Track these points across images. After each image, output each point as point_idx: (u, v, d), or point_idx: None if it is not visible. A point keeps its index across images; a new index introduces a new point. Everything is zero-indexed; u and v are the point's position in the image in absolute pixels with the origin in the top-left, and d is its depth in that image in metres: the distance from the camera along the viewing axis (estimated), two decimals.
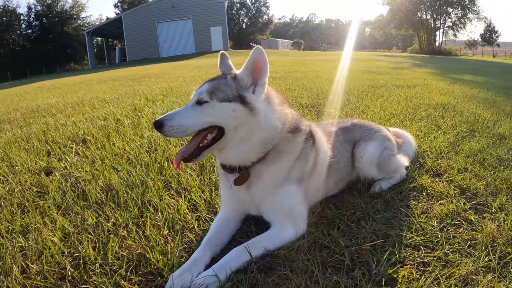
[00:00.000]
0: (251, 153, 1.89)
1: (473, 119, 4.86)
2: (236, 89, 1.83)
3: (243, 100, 1.80)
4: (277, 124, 1.90)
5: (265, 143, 1.88)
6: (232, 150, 1.87)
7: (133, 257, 1.85)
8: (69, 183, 2.87)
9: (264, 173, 1.93)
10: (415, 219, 2.15)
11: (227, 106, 1.79)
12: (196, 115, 1.79)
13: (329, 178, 2.32)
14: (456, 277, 1.64)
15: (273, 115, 1.89)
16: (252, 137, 1.85)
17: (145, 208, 2.35)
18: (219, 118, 1.80)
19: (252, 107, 1.81)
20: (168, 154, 3.40)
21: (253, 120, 1.82)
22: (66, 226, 2.18)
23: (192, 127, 1.78)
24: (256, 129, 1.83)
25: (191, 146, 1.83)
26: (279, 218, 1.96)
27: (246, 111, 1.80)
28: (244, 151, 1.88)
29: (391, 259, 1.76)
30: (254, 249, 1.78)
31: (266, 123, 1.85)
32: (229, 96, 1.80)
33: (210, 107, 1.80)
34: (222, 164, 1.97)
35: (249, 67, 1.85)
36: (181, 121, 1.77)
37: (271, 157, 1.93)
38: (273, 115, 1.89)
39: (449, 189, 2.55)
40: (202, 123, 1.79)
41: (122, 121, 5.15)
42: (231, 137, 1.84)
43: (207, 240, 1.89)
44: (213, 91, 1.82)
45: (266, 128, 1.86)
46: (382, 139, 2.70)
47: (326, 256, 1.81)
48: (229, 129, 1.82)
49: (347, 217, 2.18)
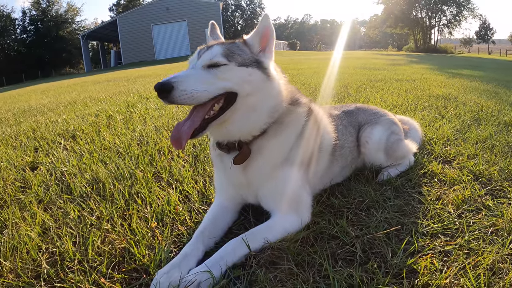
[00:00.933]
0: (256, 124, 1.69)
1: (476, 109, 4.71)
2: (250, 54, 1.70)
3: (260, 65, 1.68)
4: (284, 92, 1.77)
5: (272, 112, 1.72)
6: (237, 121, 1.66)
7: (116, 252, 1.64)
8: (53, 177, 2.67)
9: (265, 148, 1.73)
10: (429, 206, 1.95)
11: (244, 70, 1.63)
12: (210, 79, 1.56)
13: (333, 163, 2.12)
14: (483, 266, 1.44)
15: (282, 82, 1.78)
16: (262, 104, 1.69)
17: (133, 200, 2.14)
18: (236, 84, 1.60)
19: (268, 73, 1.70)
20: (160, 146, 3.20)
21: (268, 85, 1.69)
22: (46, 221, 1.97)
23: (207, 93, 1.53)
24: (268, 96, 1.70)
25: (197, 118, 1.56)
26: (280, 205, 1.73)
27: (263, 77, 1.68)
28: (250, 122, 1.68)
29: (409, 249, 1.56)
30: (253, 241, 1.56)
31: (277, 90, 1.73)
32: (246, 61, 1.65)
33: (228, 71, 1.60)
34: (219, 143, 1.75)
35: (258, 33, 1.74)
36: (195, 85, 1.51)
37: (273, 130, 1.74)
38: (282, 82, 1.79)
39: (462, 175, 2.36)
40: (218, 89, 1.56)
41: (114, 117, 4.96)
42: (240, 106, 1.63)
43: (199, 232, 1.67)
44: (229, 54, 1.63)
45: (276, 95, 1.73)
46: (389, 123, 2.52)
47: (335, 248, 1.60)
48: (242, 95, 1.62)
49: (355, 205, 1.98)
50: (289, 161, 1.76)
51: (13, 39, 53.00)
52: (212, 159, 1.94)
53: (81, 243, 1.74)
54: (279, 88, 1.75)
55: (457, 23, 53.79)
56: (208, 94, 1.54)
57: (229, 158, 1.74)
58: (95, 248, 1.68)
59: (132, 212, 1.99)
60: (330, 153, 2.06)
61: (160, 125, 4.11)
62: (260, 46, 1.75)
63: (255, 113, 1.68)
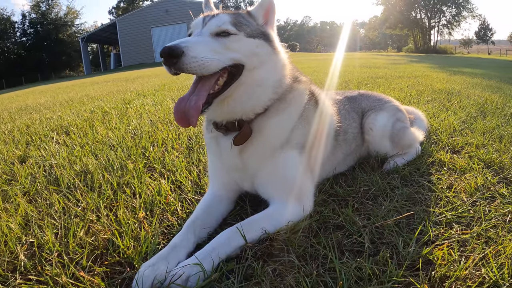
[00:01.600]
0: (261, 100, 1.56)
1: (481, 102, 4.59)
2: (257, 26, 1.60)
3: (266, 38, 1.58)
4: (288, 66, 1.67)
5: (277, 87, 1.60)
6: (241, 97, 1.51)
7: (99, 244, 1.49)
8: (41, 169, 2.53)
9: (266, 128, 1.58)
10: (441, 194, 1.81)
11: (252, 42, 1.52)
12: (218, 48, 1.41)
13: (336, 148, 1.97)
14: (505, 255, 1.29)
15: (286, 56, 1.69)
16: (268, 79, 1.56)
17: (122, 191, 2.00)
18: (244, 55, 1.47)
19: (274, 46, 1.61)
20: (153, 138, 3.06)
21: (274, 59, 1.60)
22: (30, 212, 1.82)
23: (217, 62, 1.37)
24: (274, 70, 1.59)
25: (203, 92, 1.40)
26: (279, 192, 1.58)
27: (270, 49, 1.58)
28: (255, 97, 1.54)
29: (422, 239, 1.41)
30: (249, 231, 1.41)
31: (283, 64, 1.64)
32: (253, 32, 1.54)
33: (237, 41, 1.47)
34: (216, 123, 1.59)
35: (262, 6, 1.66)
36: (205, 52, 1.35)
37: (274, 108, 1.59)
38: (286, 56, 1.69)
39: (472, 163, 2.22)
40: (227, 59, 1.42)
41: (109, 113, 4.83)
42: (246, 80, 1.49)
43: (191, 222, 1.51)
44: (237, 23, 1.50)
45: (281, 69, 1.63)
46: (394, 109, 2.37)
47: (341, 238, 1.45)
48: (249, 69, 1.49)
49: (361, 194, 1.83)
50: (290, 143, 1.61)
51: (12, 42, 52.76)
52: (206, 143, 1.78)
53: (63, 235, 1.59)
54: (284, 62, 1.65)
55: (456, 23, 53.66)
56: (218, 63, 1.38)
57: (226, 140, 1.59)
58: (77, 240, 1.53)
59: (119, 203, 1.84)
60: (333, 137, 1.91)
61: (156, 119, 3.97)
62: (264, 19, 1.66)
63: (260, 88, 1.54)
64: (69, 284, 1.27)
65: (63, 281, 1.27)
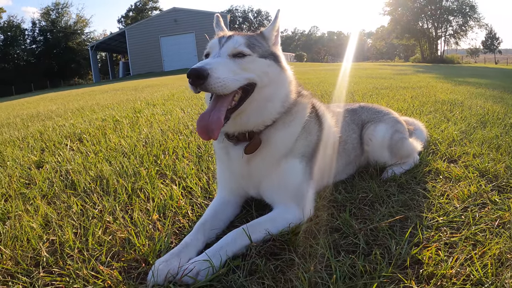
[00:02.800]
0: (271, 114, 1.71)
1: (482, 112, 4.68)
2: (267, 46, 1.76)
3: (275, 58, 1.74)
4: (293, 82, 1.83)
5: (284, 102, 1.75)
6: (253, 111, 1.66)
7: (116, 242, 1.64)
8: (58, 174, 2.69)
9: (273, 138, 1.73)
10: (434, 201, 1.93)
11: (264, 62, 1.67)
12: (237, 69, 1.56)
13: (336, 158, 2.11)
14: (490, 256, 1.41)
15: (291, 73, 1.85)
16: (277, 95, 1.72)
17: (136, 195, 2.15)
18: (257, 75, 1.62)
19: (281, 65, 1.76)
20: (164, 147, 3.21)
21: (283, 77, 1.76)
22: (49, 213, 1.98)
23: (236, 83, 1.52)
24: (282, 87, 1.75)
25: (223, 108, 1.52)
26: (282, 197, 1.72)
27: (279, 69, 1.74)
28: (266, 111, 1.69)
29: (413, 241, 1.53)
30: (254, 232, 1.55)
31: (289, 81, 1.80)
32: (264, 53, 1.70)
33: (251, 62, 1.62)
34: (227, 134, 1.74)
35: (275, 28, 1.83)
36: (226, 73, 1.49)
37: (281, 120, 1.75)
38: (292, 73, 1.85)
39: (467, 172, 2.33)
40: (243, 79, 1.57)
41: (120, 121, 5.01)
42: (257, 96, 1.64)
43: (201, 223, 1.66)
44: (251, 45, 1.66)
45: (288, 85, 1.78)
46: (393, 121, 2.50)
47: (338, 239, 1.58)
48: (260, 86, 1.64)
49: (359, 200, 1.96)
50: (293, 152, 1.76)
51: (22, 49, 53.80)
52: (216, 152, 1.93)
53: (82, 234, 1.74)
54: (290, 78, 1.81)
55: (463, 33, 53.66)
56: (237, 84, 1.53)
57: (236, 150, 1.74)
58: (96, 238, 1.68)
59: (134, 206, 1.99)
60: (333, 147, 2.05)
61: (166, 128, 4.14)
62: (275, 40, 1.83)
63: (270, 103, 1.70)
64: (90, 276, 1.41)
65: (84, 274, 1.42)
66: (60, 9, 56.98)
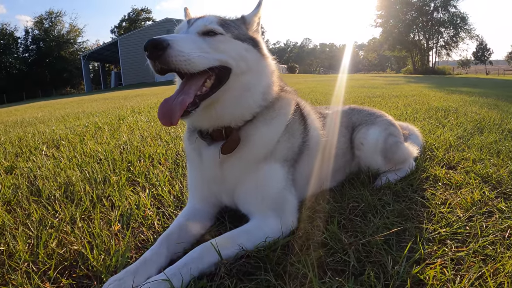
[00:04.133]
0: (250, 106, 1.49)
1: (478, 118, 4.53)
2: (246, 30, 1.58)
3: (255, 43, 1.55)
4: (275, 73, 1.63)
5: (266, 94, 1.54)
6: (229, 102, 1.44)
7: (69, 255, 1.40)
8: (25, 180, 2.45)
9: (253, 136, 1.50)
10: (435, 210, 1.71)
11: (240, 45, 1.47)
12: (206, 47, 1.35)
13: (322, 164, 1.87)
14: (504, 274, 1.19)
15: (273, 62, 1.65)
16: (256, 84, 1.51)
17: (101, 204, 1.90)
18: (231, 57, 1.41)
19: (262, 52, 1.57)
20: (142, 152, 2.97)
21: (263, 64, 1.56)
22: (6, 221, 1.74)
23: (205, 59, 1.32)
24: (262, 76, 1.54)
25: (190, 91, 1.32)
26: (260, 207, 1.48)
27: (258, 55, 1.54)
28: (244, 103, 1.47)
29: (413, 257, 1.30)
30: (225, 247, 1.30)
31: (271, 70, 1.60)
32: (241, 35, 1.50)
33: (224, 42, 1.41)
34: (201, 131, 1.51)
35: (257, 14, 1.66)
36: (192, 49, 1.29)
37: (262, 116, 1.53)
38: (274, 62, 1.65)
39: (468, 178, 2.13)
40: (213, 60, 1.35)
41: (102, 128, 4.77)
42: (233, 84, 1.43)
43: (165, 236, 1.41)
44: (224, 24, 1.46)
45: (270, 75, 1.58)
46: (386, 123, 2.29)
47: (324, 256, 1.34)
48: (236, 73, 1.43)
49: (349, 210, 1.73)
50: (274, 155, 1.53)
51: (15, 58, 53.16)
52: (187, 154, 1.68)
53: (35, 245, 1.50)
54: (272, 68, 1.61)
55: (454, 44, 54.25)
56: (206, 62, 1.32)
57: (209, 150, 1.51)
58: (49, 250, 1.44)
59: (96, 215, 1.74)
60: (319, 151, 1.82)
61: (147, 135, 3.91)
62: (256, 26, 1.65)
63: (249, 93, 1.48)
64: None
65: None
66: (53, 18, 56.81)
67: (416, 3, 52.65)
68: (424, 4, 52.47)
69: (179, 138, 3.57)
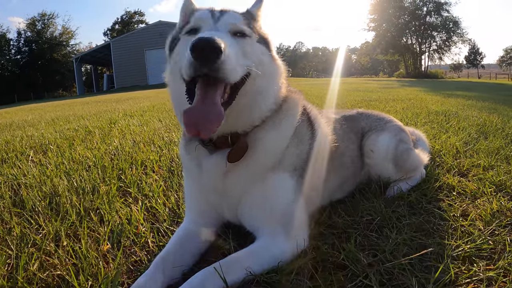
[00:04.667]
0: (261, 109, 1.35)
1: (480, 123, 4.43)
2: (260, 29, 1.43)
3: (267, 44, 1.40)
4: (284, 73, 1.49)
5: (276, 97, 1.41)
6: (244, 107, 1.29)
7: (53, 281, 1.23)
8: (7, 189, 2.27)
9: (260, 143, 1.35)
10: (455, 223, 1.57)
11: (259, 48, 1.33)
12: (239, 53, 1.20)
13: (331, 172, 1.72)
14: None
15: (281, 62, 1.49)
16: (269, 87, 1.37)
17: (88, 217, 1.73)
18: (253, 62, 1.25)
19: (273, 54, 1.43)
20: (133, 159, 2.80)
21: (275, 66, 1.42)
22: None
23: (240, 70, 1.17)
24: (274, 78, 1.40)
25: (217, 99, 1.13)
26: (267, 222, 1.32)
27: (271, 58, 1.40)
28: (255, 106, 1.33)
29: (443, 279, 1.16)
30: (231, 272, 1.15)
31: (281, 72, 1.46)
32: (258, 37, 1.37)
33: (250, 45, 1.28)
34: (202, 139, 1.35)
35: (261, 8, 1.49)
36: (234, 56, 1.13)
37: (271, 120, 1.38)
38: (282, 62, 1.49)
39: (482, 187, 2.00)
40: (244, 67, 1.21)
41: (92, 132, 4.58)
42: (249, 88, 1.27)
43: (160, 258, 1.26)
44: (249, 24, 1.32)
45: (280, 77, 1.44)
46: (396, 129, 2.17)
47: (343, 280, 1.19)
48: (253, 77, 1.27)
49: (363, 225, 1.58)
50: (282, 164, 1.38)
51: (7, 60, 52.10)
52: (184, 166, 1.52)
53: (14, 266, 1.33)
54: (282, 69, 1.47)
55: (447, 48, 54.55)
56: (241, 70, 1.18)
57: (210, 160, 1.35)
58: (29, 273, 1.27)
59: (83, 231, 1.57)
60: (328, 159, 1.67)
61: (139, 139, 3.73)
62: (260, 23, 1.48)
63: (261, 96, 1.34)
64: None
65: None
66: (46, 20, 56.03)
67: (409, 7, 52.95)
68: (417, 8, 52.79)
69: (173, 143, 3.41)
